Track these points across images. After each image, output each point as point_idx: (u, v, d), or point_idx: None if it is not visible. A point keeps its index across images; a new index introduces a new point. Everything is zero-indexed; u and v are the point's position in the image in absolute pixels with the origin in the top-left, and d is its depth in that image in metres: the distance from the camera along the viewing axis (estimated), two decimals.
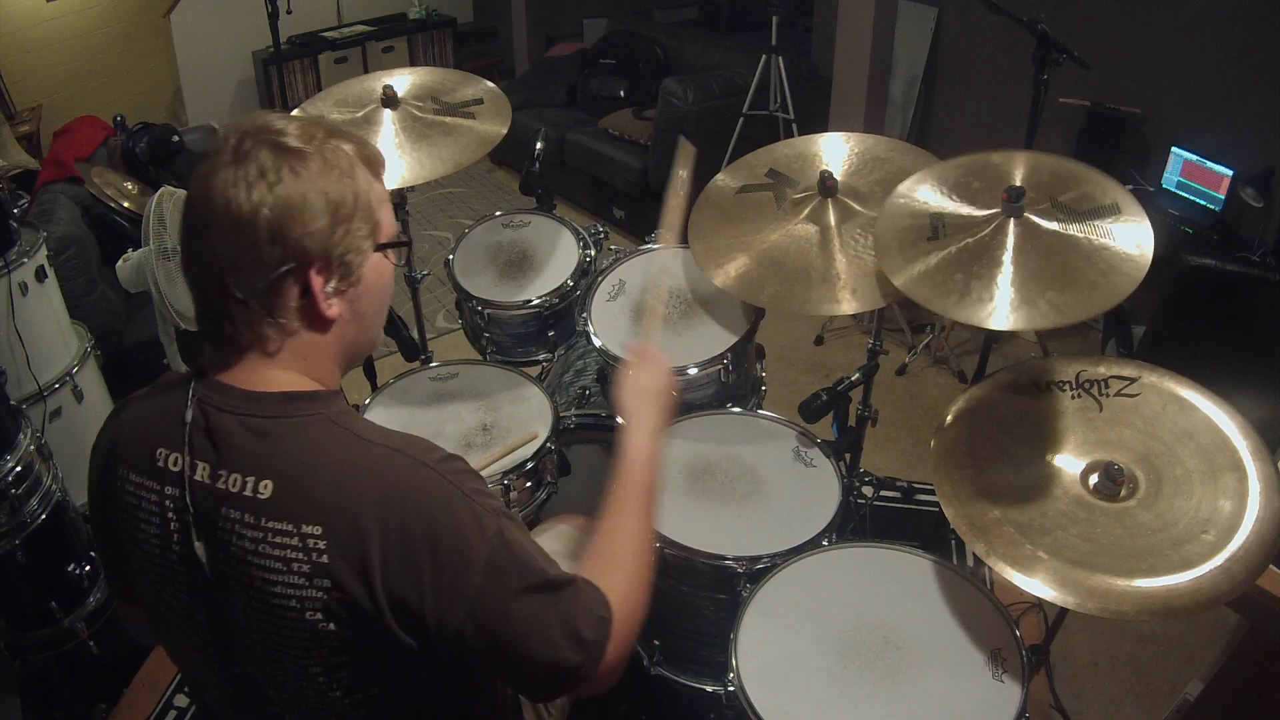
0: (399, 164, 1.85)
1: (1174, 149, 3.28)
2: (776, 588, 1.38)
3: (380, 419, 1.78)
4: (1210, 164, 3.16)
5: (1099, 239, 1.34)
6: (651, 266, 1.89)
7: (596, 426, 1.91)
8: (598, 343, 1.78)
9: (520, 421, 1.76)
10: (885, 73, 3.92)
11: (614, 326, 1.81)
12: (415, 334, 2.15)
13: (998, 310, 1.30)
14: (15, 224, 2.33)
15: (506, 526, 0.91)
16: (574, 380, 2.08)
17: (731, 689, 1.25)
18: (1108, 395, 1.34)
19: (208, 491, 0.88)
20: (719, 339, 1.75)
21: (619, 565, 1.03)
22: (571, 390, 2.05)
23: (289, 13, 3.25)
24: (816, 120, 4.01)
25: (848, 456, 1.92)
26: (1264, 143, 3.04)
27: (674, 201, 1.51)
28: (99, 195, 3.41)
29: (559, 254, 2.07)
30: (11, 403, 2.05)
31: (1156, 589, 1.10)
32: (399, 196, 2.11)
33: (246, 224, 0.85)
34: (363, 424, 0.93)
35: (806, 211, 1.66)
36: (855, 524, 2.11)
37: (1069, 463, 1.27)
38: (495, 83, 2.06)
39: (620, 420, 1.21)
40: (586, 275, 2.01)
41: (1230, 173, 3.10)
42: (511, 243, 2.13)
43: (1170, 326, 2.65)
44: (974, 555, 1.27)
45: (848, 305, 1.54)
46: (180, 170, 3.79)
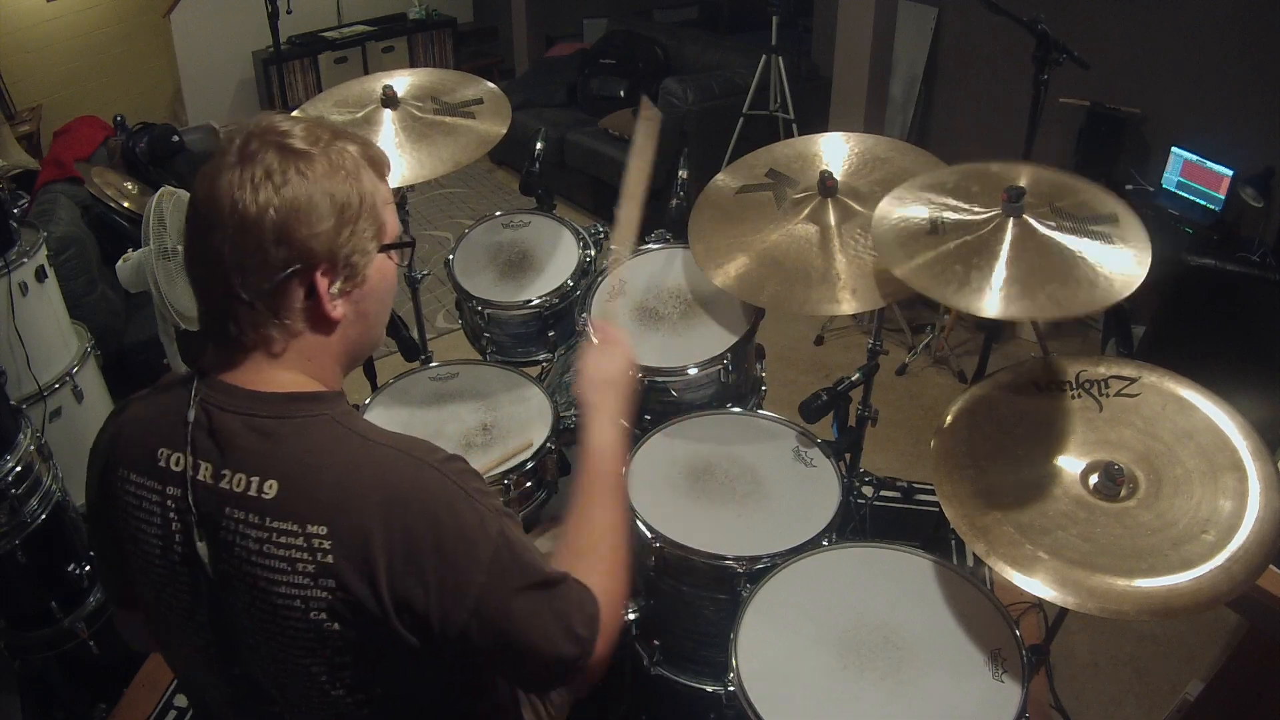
0: (399, 163, 1.85)
1: (1174, 149, 3.28)
2: (776, 588, 1.38)
3: (380, 419, 1.78)
4: (1210, 164, 3.16)
5: (1097, 244, 1.34)
6: (611, 245, 1.77)
7: None
8: (598, 343, 1.78)
9: (520, 421, 1.76)
10: (885, 73, 3.92)
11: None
12: (415, 334, 2.15)
13: (998, 298, 1.29)
14: (15, 224, 2.33)
15: (507, 526, 0.92)
16: (574, 380, 2.08)
17: (731, 689, 1.25)
18: (1108, 395, 1.34)
19: (210, 491, 0.88)
20: (719, 339, 1.75)
21: (597, 559, 1.04)
22: (572, 390, 2.05)
23: (289, 13, 3.25)
24: (816, 120, 4.01)
25: (848, 456, 1.92)
26: (1264, 143, 3.04)
27: (635, 169, 1.41)
28: (99, 195, 3.41)
29: (559, 254, 2.07)
30: (11, 403, 2.05)
31: (1156, 589, 1.10)
32: (399, 196, 2.11)
33: (253, 225, 0.85)
34: (366, 425, 0.93)
35: (806, 211, 1.66)
36: (855, 524, 2.11)
37: (1069, 463, 1.27)
38: (495, 83, 2.06)
39: (581, 410, 1.20)
40: (586, 275, 2.01)
41: (1230, 173, 3.10)
42: (511, 243, 2.13)
43: (1170, 326, 2.65)
44: (974, 555, 1.27)
45: (848, 305, 1.54)
46: (180, 170, 3.79)
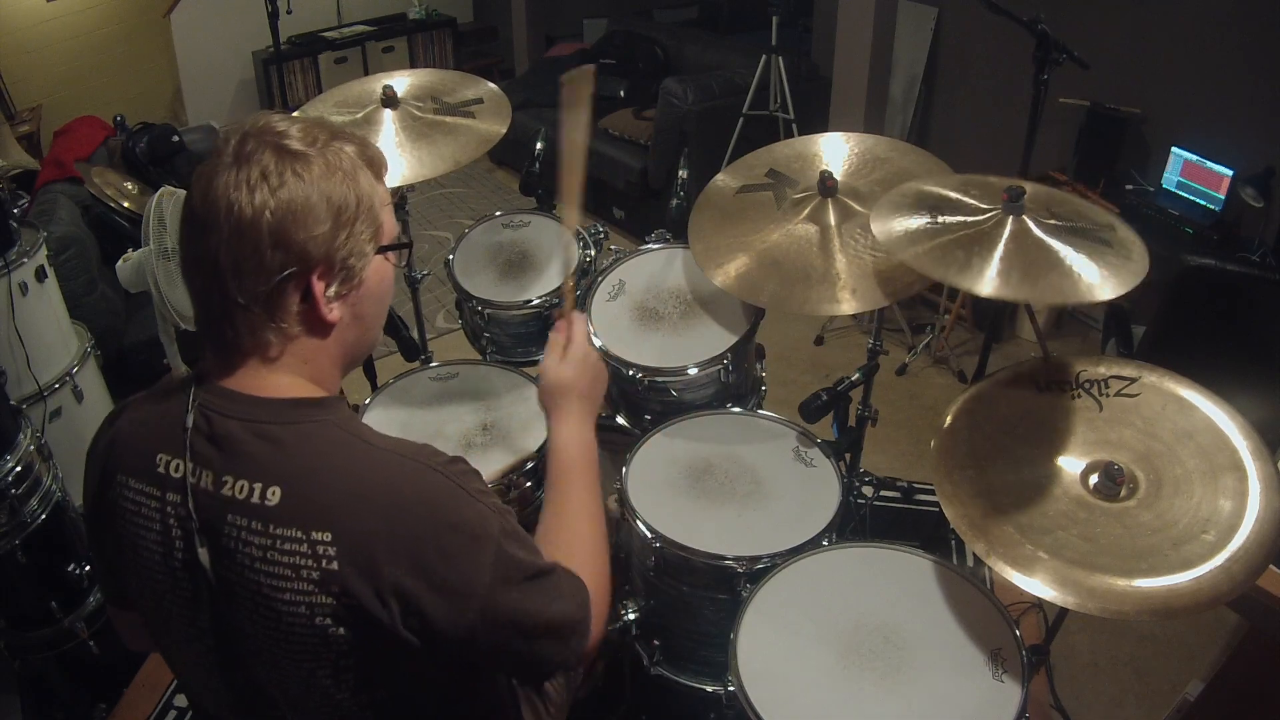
0: (399, 162, 1.84)
1: (1174, 149, 3.28)
2: (776, 588, 1.38)
3: (380, 419, 1.78)
4: (1210, 164, 3.16)
5: (1095, 244, 1.33)
6: (561, 237, 1.63)
7: (597, 426, 1.90)
8: (598, 343, 1.78)
9: (520, 421, 1.76)
10: (885, 73, 3.92)
11: (614, 326, 1.81)
12: (415, 334, 2.15)
13: (998, 280, 1.27)
14: (15, 224, 2.33)
15: (507, 523, 0.92)
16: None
17: (731, 689, 1.25)
18: (1108, 395, 1.34)
19: (211, 498, 0.87)
20: (719, 339, 1.75)
21: (577, 548, 1.05)
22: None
23: (289, 13, 3.26)
24: (816, 120, 4.01)
25: (848, 456, 1.92)
26: (1264, 143, 3.04)
27: (567, 134, 1.23)
28: (99, 195, 3.41)
29: (559, 254, 2.07)
30: (11, 403, 2.05)
31: (1156, 589, 1.10)
32: (399, 196, 2.11)
33: (249, 227, 0.84)
34: (369, 430, 0.93)
35: (806, 211, 1.66)
36: (855, 524, 2.11)
37: (1069, 463, 1.27)
38: (495, 83, 2.06)
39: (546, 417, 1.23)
40: (586, 275, 2.01)
41: (1230, 173, 3.10)
42: (511, 243, 2.13)
43: (1170, 326, 2.65)
44: (974, 555, 1.27)
45: (848, 305, 1.53)
46: (180, 170, 3.79)
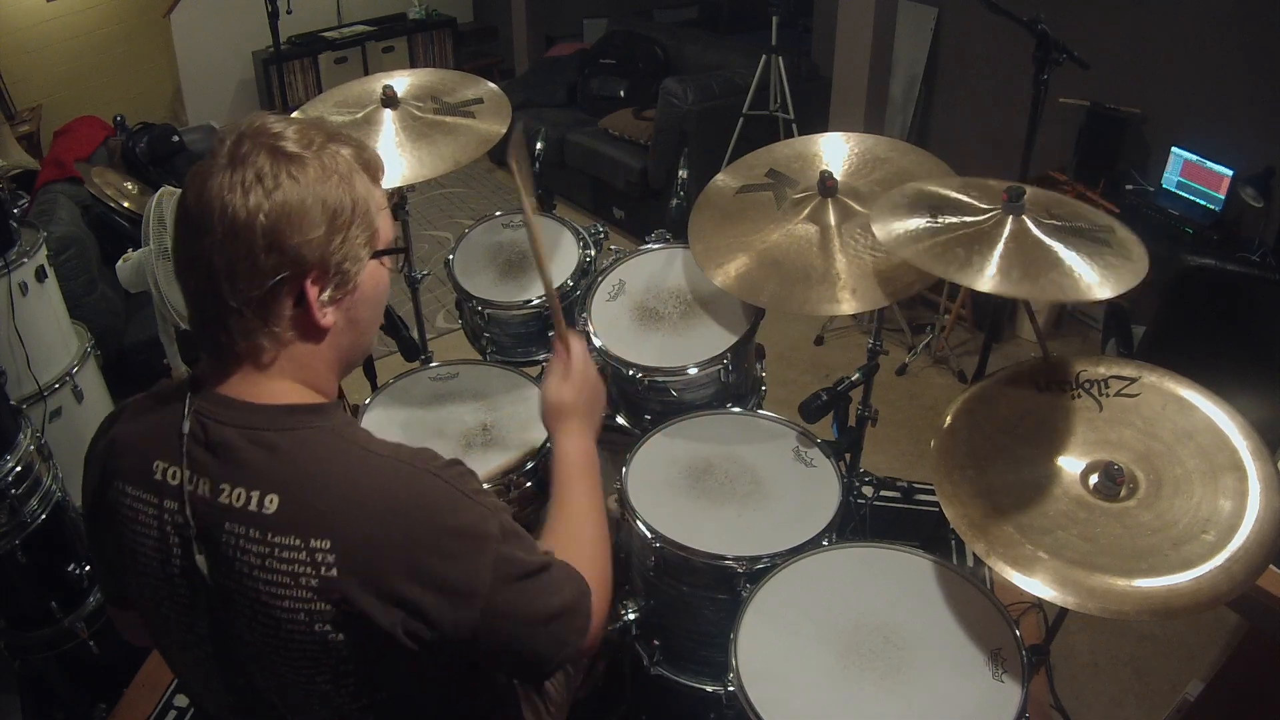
0: (399, 162, 1.84)
1: (1174, 149, 3.28)
2: (776, 588, 1.38)
3: (380, 419, 1.78)
4: (1210, 164, 3.16)
5: (1094, 244, 1.33)
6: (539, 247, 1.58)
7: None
8: (598, 343, 1.78)
9: (520, 421, 1.76)
10: (885, 73, 3.92)
11: (614, 326, 1.81)
12: (415, 334, 2.15)
13: (998, 277, 1.27)
14: (15, 224, 2.33)
15: (506, 521, 0.92)
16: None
17: (731, 689, 1.25)
18: (1108, 395, 1.34)
19: (209, 506, 0.87)
20: (719, 339, 1.75)
21: (582, 547, 1.05)
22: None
23: (289, 13, 3.25)
24: (816, 120, 4.01)
25: (848, 456, 1.92)
26: (1264, 143, 3.04)
27: (528, 211, 1.36)
28: (99, 195, 3.41)
29: (559, 254, 2.07)
30: (11, 403, 2.05)
31: (1156, 589, 1.10)
32: (399, 196, 2.11)
33: (243, 230, 0.83)
34: (366, 436, 0.92)
35: (806, 211, 1.66)
36: (855, 524, 2.11)
37: (1069, 463, 1.27)
38: (495, 83, 2.06)
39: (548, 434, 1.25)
40: (586, 275, 2.01)
41: (1230, 173, 3.10)
42: (511, 243, 2.13)
43: (1170, 326, 2.65)
44: (974, 555, 1.27)
45: (848, 305, 1.54)
46: (180, 170, 3.79)
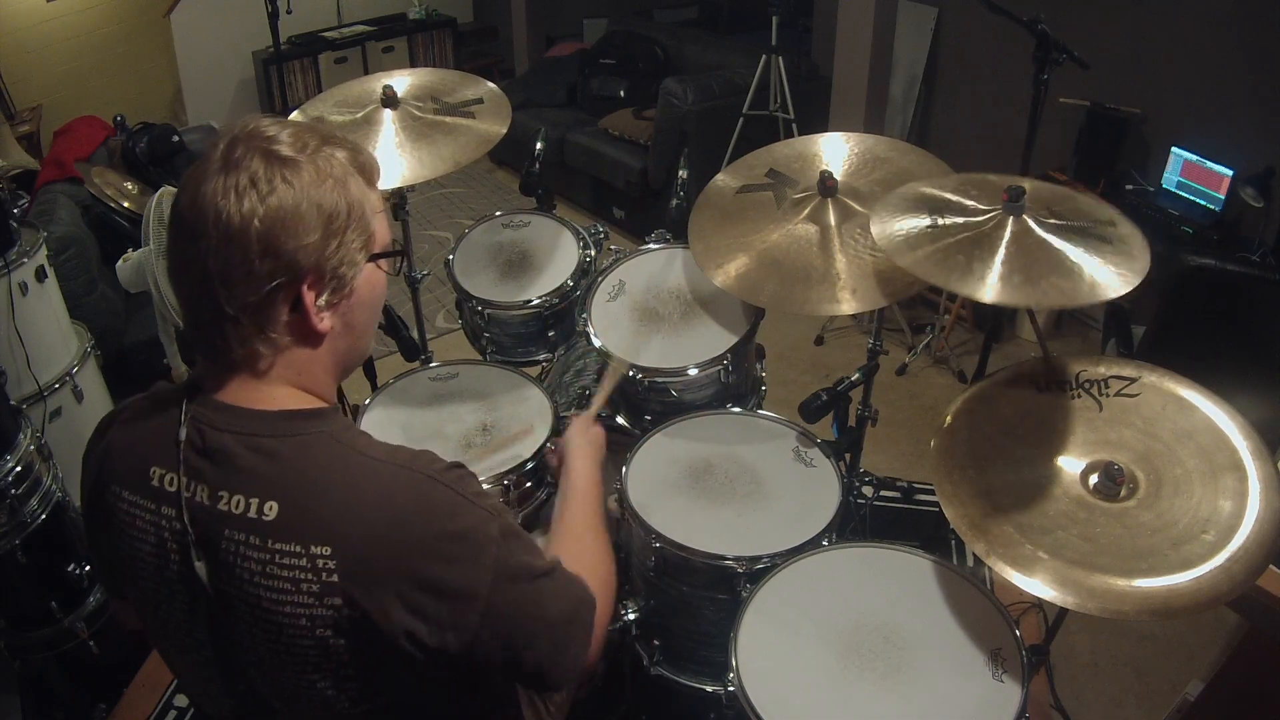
0: (399, 163, 1.84)
1: (1174, 149, 3.28)
2: (776, 588, 1.38)
3: (380, 419, 1.78)
4: (1210, 164, 3.16)
5: (1096, 242, 1.33)
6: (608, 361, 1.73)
7: None
8: (598, 343, 1.78)
9: (520, 422, 1.76)
10: (885, 73, 3.92)
11: (614, 326, 1.81)
12: (415, 334, 2.15)
13: (1001, 284, 1.27)
14: (15, 224, 2.33)
15: (506, 524, 0.92)
16: (574, 380, 2.08)
17: (731, 689, 1.25)
18: (1108, 395, 1.34)
19: (208, 512, 0.86)
20: (719, 339, 1.75)
21: (585, 558, 1.06)
22: (572, 390, 2.05)
23: (289, 13, 3.25)
24: (816, 120, 4.01)
25: (848, 456, 1.92)
26: (1264, 143, 3.04)
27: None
28: (99, 195, 3.41)
29: (559, 254, 2.07)
30: (11, 403, 2.05)
31: (1156, 589, 1.10)
32: (399, 196, 2.11)
33: (237, 236, 0.82)
34: (365, 441, 0.92)
35: (806, 211, 1.66)
36: (855, 524, 2.11)
37: (1069, 463, 1.27)
38: (495, 83, 2.06)
39: (561, 466, 1.31)
40: (586, 275, 2.01)
41: (1230, 173, 3.10)
42: (511, 243, 2.13)
43: (1170, 326, 2.65)
44: (974, 555, 1.27)
45: (848, 305, 1.53)
46: (180, 170, 3.79)
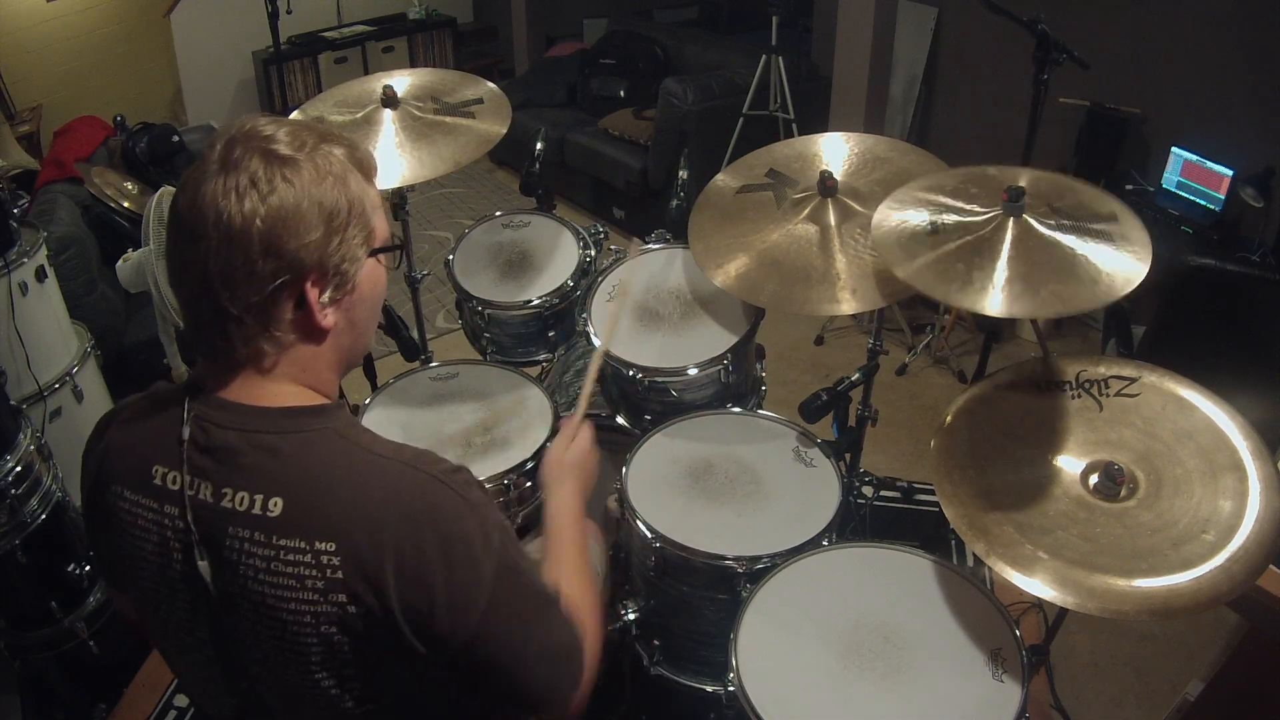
0: (399, 163, 1.85)
1: (1174, 149, 3.28)
2: (776, 588, 1.38)
3: (380, 419, 1.78)
4: (1210, 164, 3.16)
5: (1097, 243, 1.34)
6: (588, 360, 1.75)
7: (597, 426, 1.90)
8: (598, 343, 1.78)
9: (520, 421, 1.76)
10: (885, 73, 3.92)
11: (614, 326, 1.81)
12: (415, 334, 2.15)
13: (1000, 297, 1.28)
14: (15, 224, 2.33)
15: (509, 541, 0.92)
16: (574, 380, 2.08)
17: (731, 689, 1.25)
18: (1108, 395, 1.34)
19: (211, 511, 0.86)
20: (719, 339, 1.75)
21: (574, 600, 1.04)
22: (571, 390, 2.05)
23: (289, 13, 3.25)
24: (816, 120, 4.01)
25: (848, 456, 1.92)
26: (1264, 143, 3.04)
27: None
28: (99, 195, 3.41)
29: (559, 254, 2.07)
30: (11, 403, 2.05)
31: (1156, 589, 1.10)
32: (399, 196, 2.11)
33: (239, 236, 0.82)
34: (370, 437, 0.92)
35: (806, 211, 1.66)
36: (855, 524, 2.11)
37: (1069, 463, 1.27)
38: (495, 83, 2.06)
39: (543, 489, 1.27)
40: (586, 275, 2.01)
41: (1230, 173, 3.10)
42: (511, 243, 2.13)
43: (1170, 326, 2.66)
44: (974, 555, 1.27)
45: (848, 305, 1.54)
46: (180, 170, 3.79)
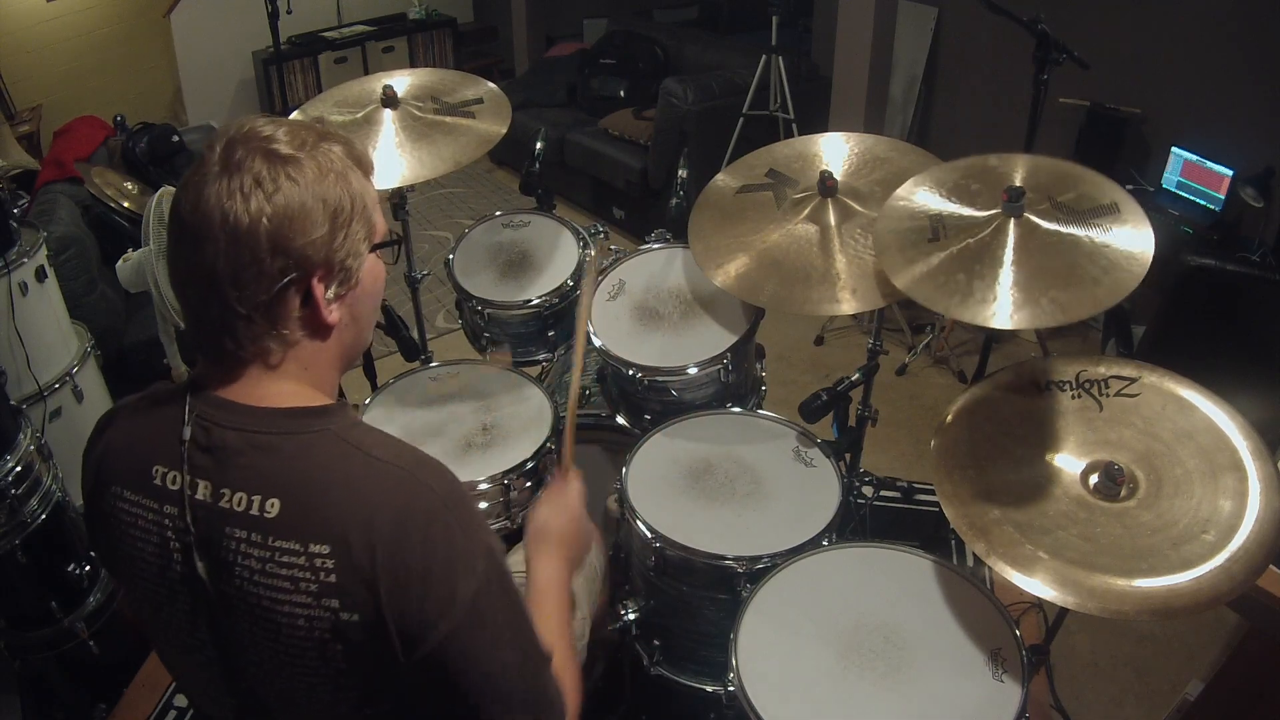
0: (399, 163, 1.85)
1: (1174, 149, 3.28)
2: (776, 588, 1.38)
3: (380, 419, 1.78)
4: (1210, 164, 3.16)
5: (1099, 238, 1.34)
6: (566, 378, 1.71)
7: (597, 426, 1.91)
8: (598, 343, 1.78)
9: (520, 421, 1.76)
10: (885, 73, 3.92)
11: (614, 326, 1.81)
12: (415, 334, 2.15)
13: (1000, 309, 1.30)
14: (15, 224, 2.33)
15: (499, 561, 0.90)
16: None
17: (731, 689, 1.25)
18: (1108, 395, 1.34)
19: (209, 511, 0.86)
20: (719, 339, 1.75)
21: (558, 664, 1.02)
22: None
23: (289, 13, 3.24)
24: (816, 120, 4.01)
25: (848, 456, 1.92)
26: (1264, 143, 3.04)
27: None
28: (99, 195, 3.41)
29: (559, 254, 2.07)
30: (11, 403, 2.05)
31: (1156, 589, 1.10)
32: (399, 196, 2.11)
33: (246, 236, 0.83)
34: (371, 440, 0.91)
35: (806, 211, 1.66)
36: (855, 524, 2.11)
37: (1069, 463, 1.27)
38: (495, 83, 2.06)
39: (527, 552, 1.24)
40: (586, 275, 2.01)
41: (1230, 173, 3.10)
42: (511, 243, 2.13)
43: (1170, 326, 2.66)
44: (974, 555, 1.27)
45: (848, 305, 1.54)
46: (180, 170, 3.79)
